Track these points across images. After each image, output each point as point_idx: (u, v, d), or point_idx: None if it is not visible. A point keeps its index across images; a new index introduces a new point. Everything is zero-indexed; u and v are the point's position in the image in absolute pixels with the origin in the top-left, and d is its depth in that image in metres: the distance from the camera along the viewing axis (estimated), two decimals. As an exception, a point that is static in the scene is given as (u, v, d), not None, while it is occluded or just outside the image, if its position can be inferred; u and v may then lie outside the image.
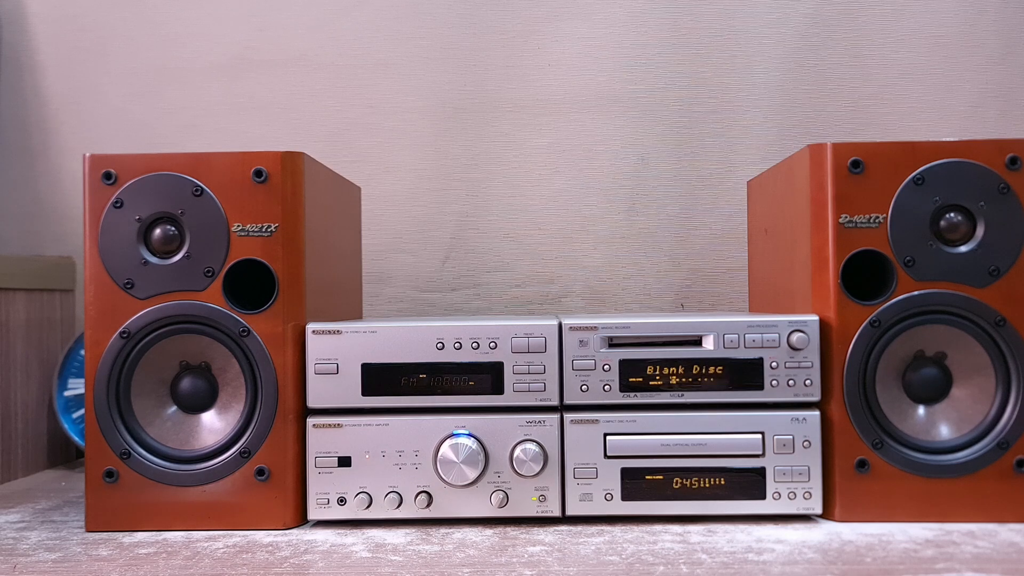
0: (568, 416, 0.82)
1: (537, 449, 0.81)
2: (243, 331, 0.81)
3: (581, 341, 0.82)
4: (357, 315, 1.10)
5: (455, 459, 0.81)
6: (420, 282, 1.28)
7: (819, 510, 0.82)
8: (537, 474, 0.81)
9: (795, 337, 0.82)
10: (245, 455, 0.81)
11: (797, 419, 0.82)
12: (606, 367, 0.82)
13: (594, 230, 1.28)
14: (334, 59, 1.28)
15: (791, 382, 0.82)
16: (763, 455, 0.82)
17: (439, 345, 0.82)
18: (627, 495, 0.82)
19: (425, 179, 1.28)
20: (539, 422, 0.82)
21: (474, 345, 0.82)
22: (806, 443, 0.82)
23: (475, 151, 1.28)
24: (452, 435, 0.82)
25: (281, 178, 0.82)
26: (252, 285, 0.83)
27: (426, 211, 1.28)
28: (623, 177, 1.27)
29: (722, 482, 0.82)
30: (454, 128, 1.28)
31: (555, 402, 0.82)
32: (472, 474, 0.81)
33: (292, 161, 0.83)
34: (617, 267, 1.27)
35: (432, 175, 1.28)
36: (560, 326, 0.82)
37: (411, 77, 1.28)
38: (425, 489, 0.82)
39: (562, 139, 1.28)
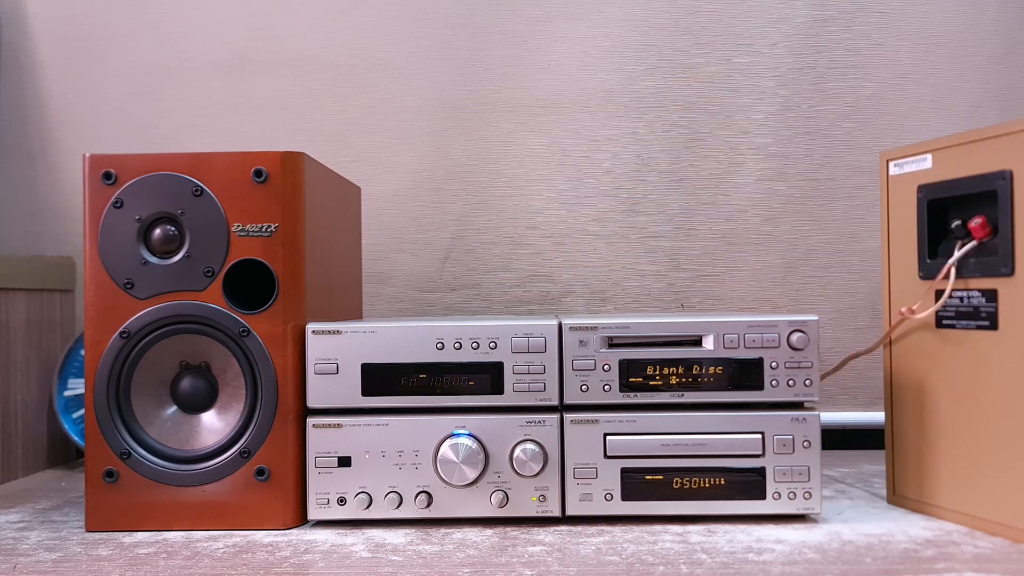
0: (568, 416, 0.82)
1: (537, 449, 0.81)
2: (243, 331, 0.81)
3: (581, 341, 0.82)
4: (357, 315, 1.10)
5: (455, 459, 0.81)
6: (420, 282, 1.28)
7: (819, 510, 0.82)
8: (537, 474, 0.81)
9: (795, 337, 0.82)
10: (245, 455, 0.81)
11: (797, 419, 0.82)
12: (606, 367, 0.82)
13: (594, 230, 1.27)
14: (334, 59, 1.28)
15: (791, 382, 0.82)
16: (763, 455, 0.82)
17: (439, 345, 0.82)
18: (627, 495, 0.82)
19: (425, 179, 1.28)
20: (539, 422, 0.82)
21: (474, 345, 0.82)
22: (806, 443, 0.82)
23: (475, 151, 1.28)
24: (452, 435, 0.82)
25: (281, 178, 0.82)
26: (252, 285, 0.83)
27: (426, 211, 1.28)
28: (623, 177, 1.27)
29: (722, 482, 0.82)
30: (454, 128, 1.28)
31: (555, 402, 0.82)
32: (472, 474, 0.81)
33: (292, 161, 0.83)
34: (617, 267, 1.27)
35: (432, 175, 1.28)
36: (560, 326, 0.82)
37: (411, 77, 1.28)
38: (425, 489, 0.82)
39: (562, 139, 1.28)
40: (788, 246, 1.26)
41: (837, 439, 1.21)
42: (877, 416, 1.19)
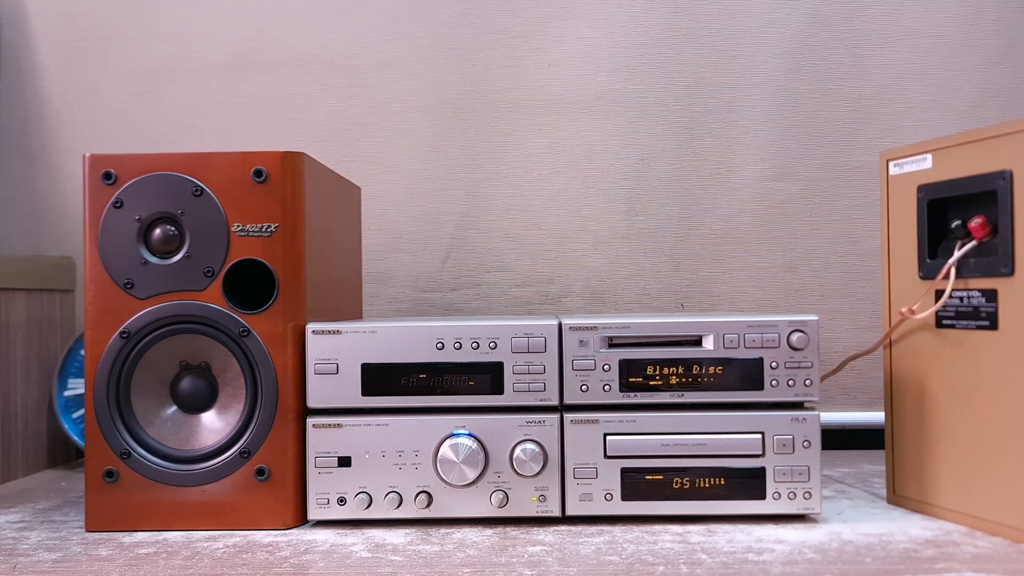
0: (568, 416, 0.82)
1: (537, 449, 0.81)
2: (243, 331, 0.81)
3: (581, 341, 0.82)
4: (357, 315, 1.10)
5: (455, 459, 0.81)
6: (420, 282, 1.28)
7: (819, 510, 0.82)
8: (537, 474, 0.81)
9: (795, 337, 0.82)
10: (245, 455, 0.81)
11: (797, 419, 0.82)
12: (606, 367, 0.82)
13: (594, 230, 1.28)
14: (334, 59, 1.28)
15: (791, 382, 0.82)
16: (763, 455, 0.82)
17: (439, 345, 0.82)
18: (627, 495, 0.82)
19: (425, 179, 1.28)
20: (539, 422, 0.82)
21: (474, 345, 0.82)
22: (806, 443, 0.82)
23: (475, 151, 1.28)
24: (452, 435, 0.82)
25: (281, 178, 0.82)
26: (252, 285, 0.83)
27: (426, 211, 1.28)
28: (623, 177, 1.27)
29: (722, 482, 0.82)
30: (454, 128, 1.28)
31: (555, 402, 0.82)
32: (472, 474, 0.81)
33: (292, 161, 0.83)
34: (617, 267, 1.27)
35: (432, 175, 1.28)
36: (560, 326, 0.82)
37: (411, 77, 1.28)
38: (425, 489, 0.82)
39: (562, 139, 1.28)
40: (788, 246, 1.26)
41: (837, 439, 1.21)
42: (877, 416, 1.19)
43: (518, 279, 1.28)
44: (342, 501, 0.82)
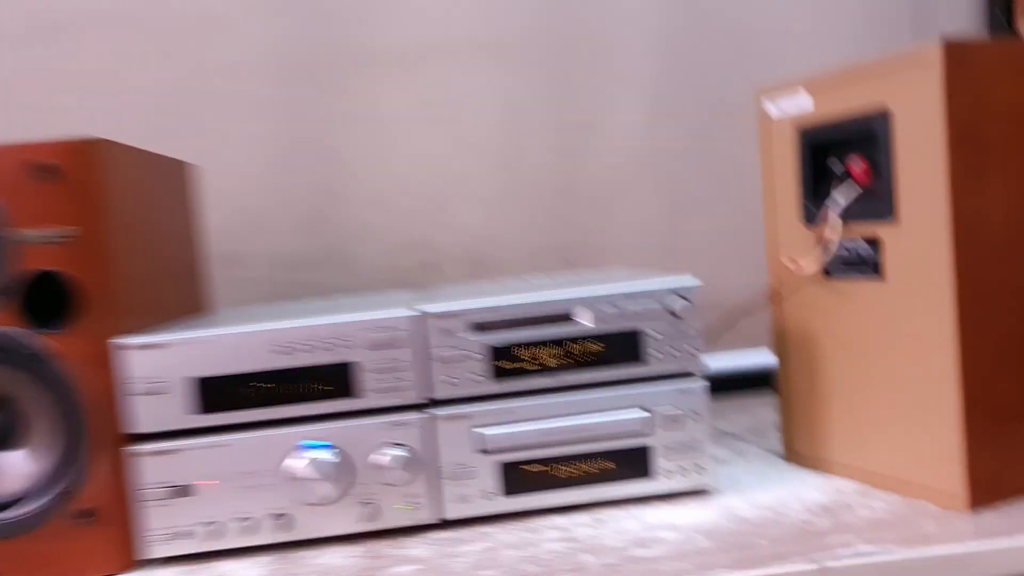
0: (437, 413, 0.74)
1: (405, 453, 0.73)
2: (43, 355, 0.69)
3: (445, 329, 0.74)
4: (201, 308, 0.99)
5: (312, 474, 0.72)
6: (280, 260, 1.16)
7: (712, 484, 0.77)
8: (407, 480, 0.73)
9: (675, 304, 0.75)
10: (64, 496, 0.70)
11: (683, 391, 0.76)
12: (475, 355, 0.74)
13: (468, 189, 1.18)
14: (155, 16, 1.12)
15: (675, 352, 0.76)
16: (650, 432, 0.76)
17: (285, 348, 0.72)
18: (509, 490, 0.75)
19: (276, 147, 1.15)
20: (405, 423, 0.73)
21: (325, 345, 0.73)
22: (694, 415, 0.76)
23: (328, 112, 1.15)
24: (306, 447, 0.72)
25: (76, 172, 0.69)
26: (57, 301, 0.70)
27: (278, 182, 1.15)
28: (495, 129, 1.18)
29: (608, 465, 0.76)
30: (302, 87, 1.15)
31: (421, 399, 0.74)
32: (333, 489, 0.72)
33: (90, 151, 0.70)
34: (496, 227, 1.19)
35: (284, 141, 1.15)
36: (419, 315, 0.74)
37: (247, 33, 1.14)
38: (281, 511, 0.73)
39: (425, 92, 1.16)
40: (673, 192, 1.20)
41: (728, 385, 1.17)
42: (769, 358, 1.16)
43: (389, 249, 1.17)
44: (184, 535, 0.72)
